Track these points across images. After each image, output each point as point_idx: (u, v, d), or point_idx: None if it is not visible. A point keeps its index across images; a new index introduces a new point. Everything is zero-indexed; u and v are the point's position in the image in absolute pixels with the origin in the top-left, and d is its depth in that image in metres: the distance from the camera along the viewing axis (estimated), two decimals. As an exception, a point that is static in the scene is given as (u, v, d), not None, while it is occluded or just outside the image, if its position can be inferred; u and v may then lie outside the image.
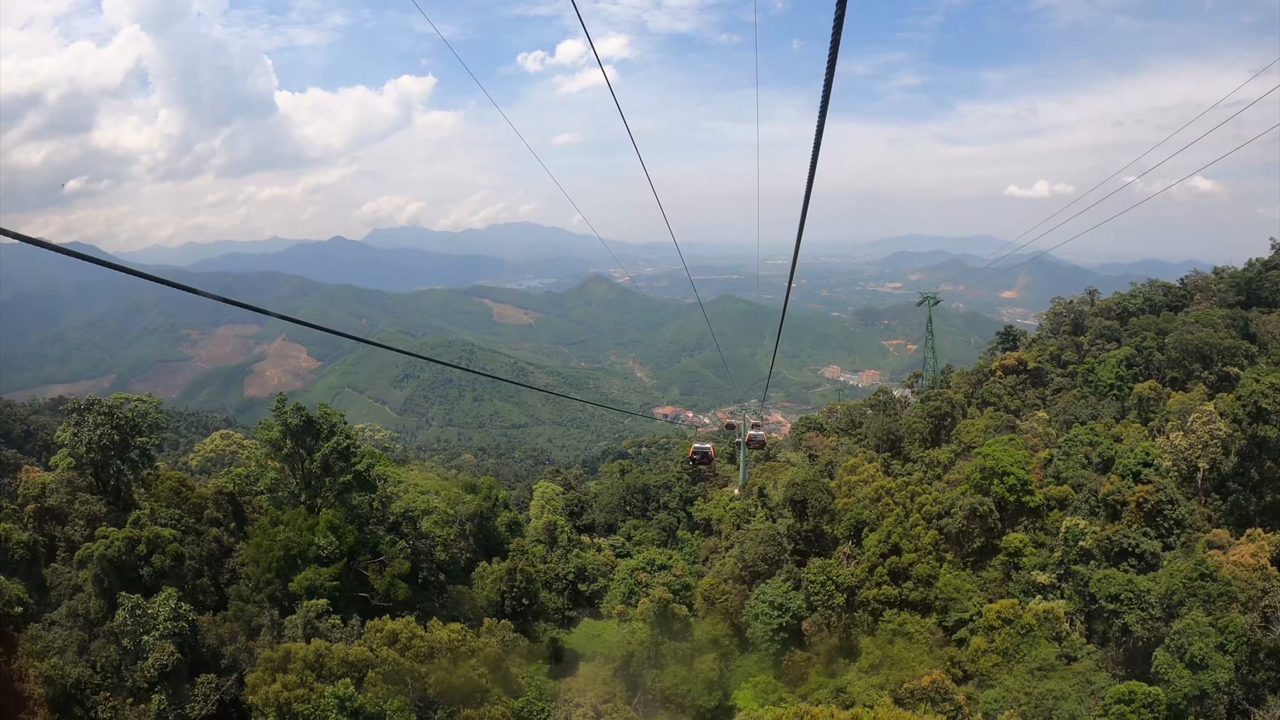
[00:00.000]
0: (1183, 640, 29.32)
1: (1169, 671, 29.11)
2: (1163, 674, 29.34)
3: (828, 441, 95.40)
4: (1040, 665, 32.87)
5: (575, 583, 54.67)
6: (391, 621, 27.94)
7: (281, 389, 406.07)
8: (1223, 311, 79.62)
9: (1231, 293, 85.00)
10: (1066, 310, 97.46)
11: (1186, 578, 34.50)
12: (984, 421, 76.32)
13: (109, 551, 30.92)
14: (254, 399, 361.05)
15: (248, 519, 41.18)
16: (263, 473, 42.41)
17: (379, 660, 24.27)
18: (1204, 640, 28.84)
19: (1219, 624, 30.12)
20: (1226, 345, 71.40)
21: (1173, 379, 72.85)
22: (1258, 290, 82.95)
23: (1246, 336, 75.25)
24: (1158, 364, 75.56)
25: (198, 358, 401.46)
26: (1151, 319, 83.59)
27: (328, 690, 21.56)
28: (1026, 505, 55.69)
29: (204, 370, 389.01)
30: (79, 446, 38.23)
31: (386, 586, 36.19)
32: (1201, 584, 33.61)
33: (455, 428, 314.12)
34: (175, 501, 38.02)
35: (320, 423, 40.43)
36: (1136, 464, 51.94)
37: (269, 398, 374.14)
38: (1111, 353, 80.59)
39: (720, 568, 66.13)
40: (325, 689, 22.10)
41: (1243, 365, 68.46)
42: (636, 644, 37.08)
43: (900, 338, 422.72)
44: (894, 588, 52.60)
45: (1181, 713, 26.71)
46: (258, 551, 34.67)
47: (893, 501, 55.95)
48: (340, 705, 21.00)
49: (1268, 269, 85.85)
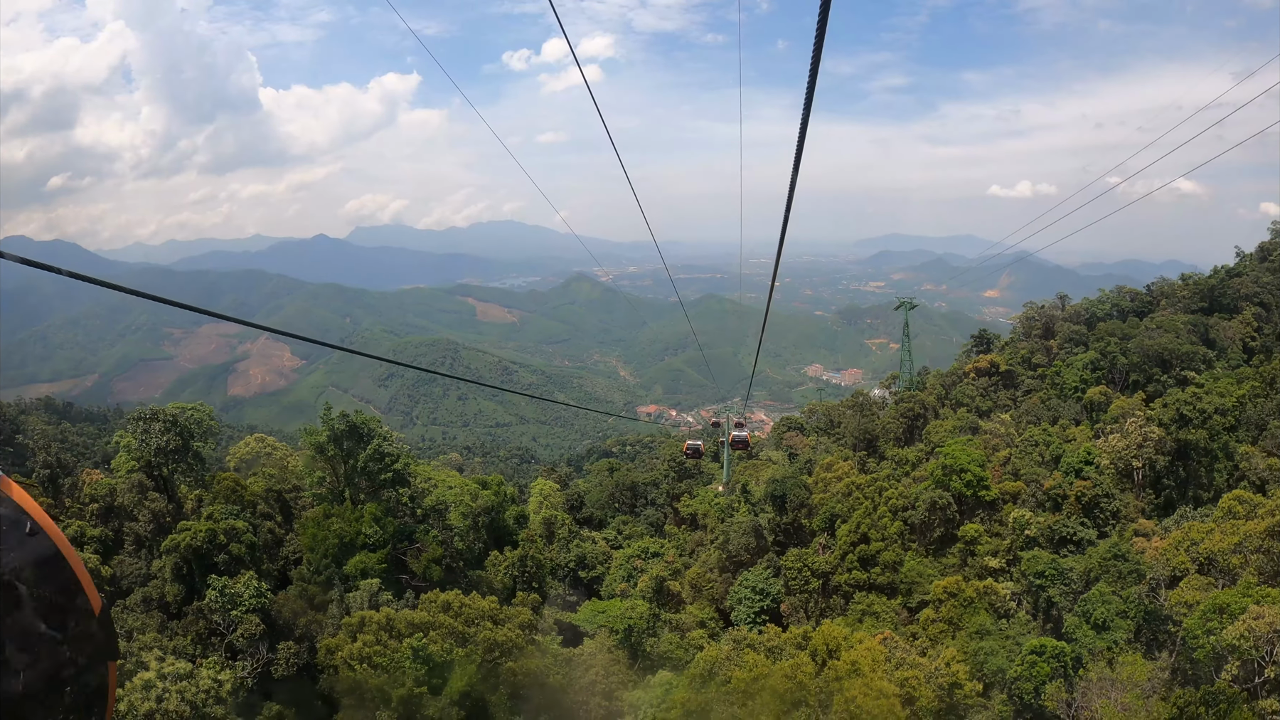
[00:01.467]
0: (1088, 606, 35.91)
1: (1076, 631, 35.79)
2: (1071, 633, 36.00)
3: (807, 441, 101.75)
4: (978, 630, 39.33)
5: (576, 570, 60.82)
6: (443, 594, 34.12)
7: (265, 389, 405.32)
8: (1186, 317, 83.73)
9: (1195, 299, 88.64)
10: (1038, 315, 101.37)
11: (1103, 558, 41.33)
12: (951, 423, 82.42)
13: (194, 541, 36.77)
14: (237, 398, 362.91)
15: (294, 514, 47.23)
16: (310, 472, 48.42)
17: (437, 623, 30.23)
18: (1106, 606, 35.38)
19: (1122, 594, 36.74)
20: (1184, 351, 76.01)
21: (1134, 382, 77.46)
22: (1220, 297, 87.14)
23: (1206, 342, 79.66)
24: (1121, 368, 79.51)
25: (180, 357, 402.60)
26: (1117, 324, 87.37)
27: (404, 643, 27.51)
28: (983, 499, 62.25)
29: (187, 369, 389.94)
30: (146, 451, 43.98)
31: (423, 569, 42.32)
32: (1115, 563, 40.41)
33: (440, 427, 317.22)
34: (232, 498, 43.89)
35: (362, 428, 46.43)
36: (1079, 462, 58.80)
37: (253, 397, 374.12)
38: (1078, 356, 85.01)
39: (706, 558, 72.29)
40: (399, 645, 28.08)
41: (1199, 370, 73.31)
42: (636, 617, 43.30)
43: (883, 337, 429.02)
44: (863, 573, 59.09)
45: (1080, 660, 33.17)
46: (314, 540, 40.58)
47: (862, 495, 62.37)
48: (415, 654, 26.97)
49: (1231, 276, 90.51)
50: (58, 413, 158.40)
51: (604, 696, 34.93)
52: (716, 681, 27.60)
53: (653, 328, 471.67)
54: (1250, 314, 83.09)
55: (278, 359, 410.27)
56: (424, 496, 49.40)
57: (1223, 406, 55.58)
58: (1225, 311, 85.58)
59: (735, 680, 26.35)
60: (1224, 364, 75.23)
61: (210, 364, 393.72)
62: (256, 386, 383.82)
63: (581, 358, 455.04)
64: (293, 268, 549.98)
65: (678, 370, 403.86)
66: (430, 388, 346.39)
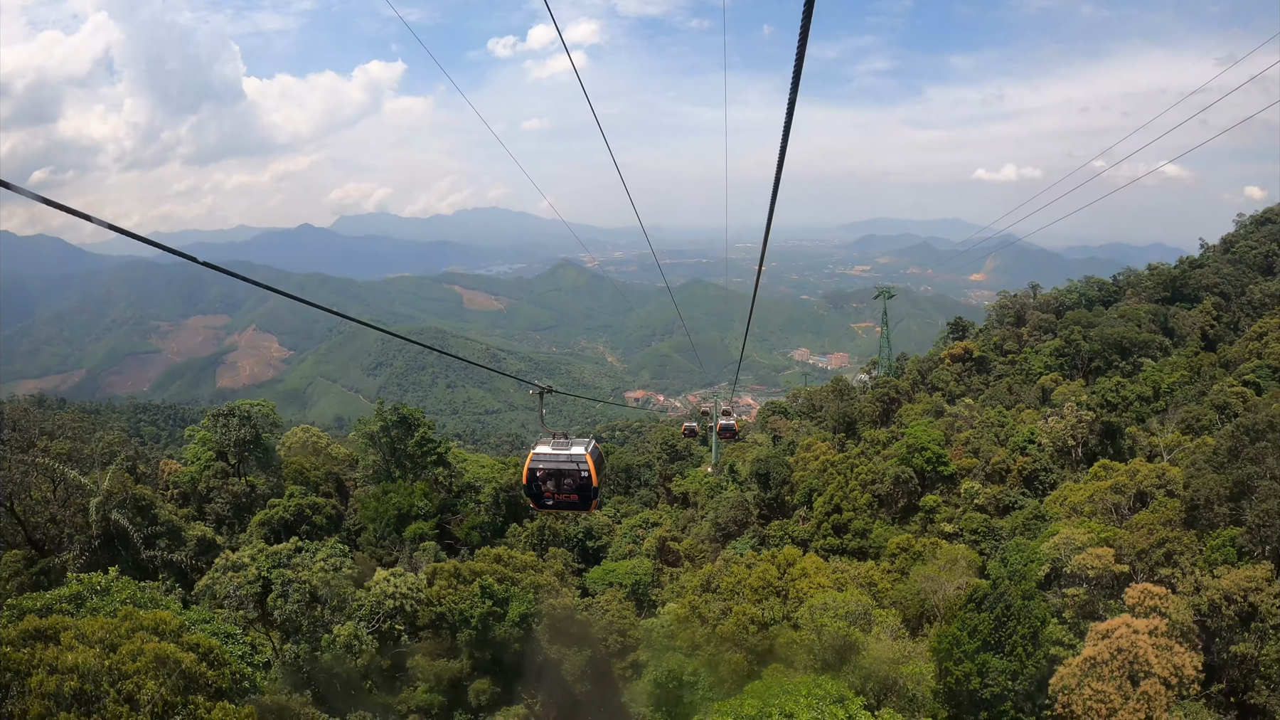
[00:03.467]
0: (1005, 554, 45.31)
1: (995, 575, 45.11)
2: (992, 576, 45.30)
3: (790, 424, 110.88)
4: (922, 577, 48.73)
5: (584, 540, 69.92)
6: (493, 549, 43.25)
7: (254, 380, 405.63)
8: (1149, 307, 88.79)
9: (1159, 289, 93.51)
10: (1011, 303, 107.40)
11: (1027, 518, 50.99)
12: (921, 407, 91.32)
13: (284, 514, 45.63)
14: (227, 390, 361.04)
15: (348, 492, 56.24)
16: (364, 455, 57.32)
17: (492, 570, 39.16)
18: (1020, 554, 44.83)
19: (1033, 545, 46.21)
20: (1141, 339, 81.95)
21: (1096, 368, 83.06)
22: (1181, 288, 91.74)
23: (1166, 331, 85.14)
24: (1085, 354, 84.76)
25: (168, 350, 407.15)
26: (1084, 313, 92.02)
27: (474, 584, 36.43)
28: (942, 473, 71.61)
29: (175, 362, 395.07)
30: (226, 442, 52.73)
31: (465, 534, 51.37)
32: (1035, 522, 50.04)
33: (430, 415, 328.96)
34: (299, 480, 52.71)
35: (410, 419, 55.35)
36: (1023, 441, 68.29)
37: (242, 389, 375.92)
38: (1046, 344, 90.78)
39: (698, 531, 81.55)
40: (466, 588, 36.99)
41: (1155, 356, 79.46)
42: (642, 573, 52.54)
43: (869, 320, 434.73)
44: (836, 539, 68.27)
45: (1002, 595, 42.42)
46: (375, 512, 49.48)
47: (836, 472, 71.49)
48: (482, 590, 35.92)
49: (1193, 267, 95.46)
50: (52, 409, 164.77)
51: (619, 634, 44.09)
52: (712, 588, 37.38)
53: (639, 313, 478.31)
54: (1210, 304, 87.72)
55: (266, 350, 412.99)
56: (460, 476, 58.48)
57: (1142, 394, 65.25)
58: (1186, 301, 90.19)
59: (724, 585, 36.17)
60: (1180, 351, 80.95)
61: (198, 356, 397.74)
62: (245, 378, 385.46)
63: (569, 344, 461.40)
64: (277, 258, 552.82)
65: (665, 355, 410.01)
66: (419, 376, 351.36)
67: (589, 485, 18.31)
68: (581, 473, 18.12)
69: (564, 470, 18.20)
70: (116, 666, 14.43)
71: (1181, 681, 23.74)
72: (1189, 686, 24.12)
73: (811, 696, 18.92)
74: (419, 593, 35.30)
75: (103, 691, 13.91)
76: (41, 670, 13.54)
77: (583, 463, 18.04)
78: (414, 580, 35.62)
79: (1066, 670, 25.15)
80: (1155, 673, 23.17)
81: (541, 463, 18.25)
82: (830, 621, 28.37)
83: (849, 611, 29.46)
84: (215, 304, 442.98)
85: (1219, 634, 26.21)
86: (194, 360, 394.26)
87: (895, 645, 29.02)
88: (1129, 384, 67.17)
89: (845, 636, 27.94)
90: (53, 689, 13.23)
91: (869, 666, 26.91)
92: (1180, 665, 23.63)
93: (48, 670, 13.53)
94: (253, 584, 32.40)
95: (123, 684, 14.20)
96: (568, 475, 18.22)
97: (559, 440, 18.59)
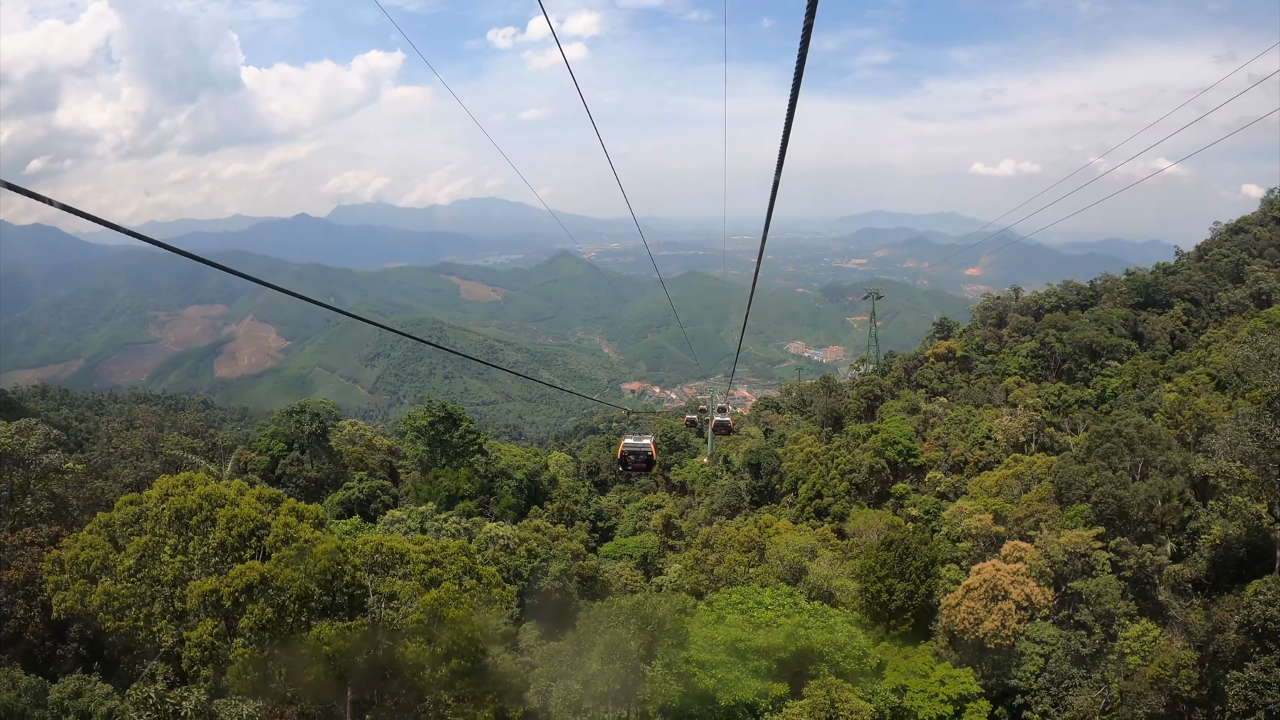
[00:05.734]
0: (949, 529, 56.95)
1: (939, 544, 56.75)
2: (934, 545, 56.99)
3: (782, 418, 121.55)
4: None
5: (595, 521, 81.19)
6: (531, 521, 54.64)
7: (252, 369, 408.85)
8: (1122, 311, 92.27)
9: (1132, 294, 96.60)
10: (994, 304, 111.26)
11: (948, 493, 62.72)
12: (900, 404, 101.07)
13: (359, 494, 56.76)
14: (225, 380, 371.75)
15: (399, 478, 67.58)
16: (414, 445, 68.56)
17: (531, 538, 50.38)
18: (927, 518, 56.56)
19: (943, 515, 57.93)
20: (1110, 343, 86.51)
21: (1068, 370, 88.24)
22: (1154, 294, 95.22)
23: (1136, 335, 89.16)
24: (1059, 356, 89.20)
25: (165, 340, 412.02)
26: (1060, 316, 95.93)
27: (521, 548, 47.61)
28: (912, 464, 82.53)
29: (173, 352, 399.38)
30: (300, 435, 63.82)
31: (501, 511, 62.50)
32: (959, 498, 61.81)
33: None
34: (360, 466, 63.88)
35: (454, 415, 66.52)
36: (981, 436, 79.58)
37: (241, 379, 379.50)
38: (1023, 345, 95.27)
39: (695, 515, 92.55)
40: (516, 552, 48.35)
41: (1122, 360, 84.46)
42: (650, 546, 63.89)
43: (865, 314, 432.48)
44: (818, 521, 79.32)
45: (904, 540, 53.63)
46: (428, 494, 60.43)
47: (818, 462, 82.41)
48: (530, 554, 47.14)
49: (1167, 274, 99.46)
50: (55, 399, 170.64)
51: (632, 591, 55.42)
52: (709, 544, 49.38)
53: (636, 305, 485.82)
54: (1180, 310, 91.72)
55: (263, 339, 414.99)
56: (496, 463, 69.67)
57: (1083, 398, 76.58)
58: (1158, 307, 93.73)
59: (718, 541, 47.93)
60: (1147, 355, 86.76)
61: (196, 346, 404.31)
62: (244, 368, 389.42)
63: (565, 335, 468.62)
64: (274, 247, 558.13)
65: (661, 348, 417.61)
66: (416, 367, 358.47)
67: (651, 459, 33.48)
68: (647, 452, 33.17)
69: (639, 451, 33.10)
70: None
71: (1033, 605, 35.16)
72: (1040, 610, 35.58)
73: (773, 593, 30.57)
74: (512, 539, 46.55)
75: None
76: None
77: (648, 447, 33.21)
78: (510, 530, 46.97)
79: (953, 595, 36.68)
80: (1012, 598, 34.58)
81: (628, 448, 33.30)
82: (788, 553, 40.22)
83: (801, 547, 41.38)
84: (213, 293, 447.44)
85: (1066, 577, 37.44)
86: (192, 350, 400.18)
87: (831, 569, 40.69)
88: (1070, 389, 78.39)
89: (797, 562, 39.71)
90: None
91: (813, 581, 38.56)
92: (1031, 594, 34.99)
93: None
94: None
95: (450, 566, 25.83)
96: (642, 454, 33.10)
97: (636, 434, 32.88)
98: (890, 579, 39.40)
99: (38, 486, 41.41)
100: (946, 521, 48.89)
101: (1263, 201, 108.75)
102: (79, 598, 23.27)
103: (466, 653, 23.28)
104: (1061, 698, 34.13)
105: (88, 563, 23.49)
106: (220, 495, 25.09)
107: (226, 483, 28.14)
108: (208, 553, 23.97)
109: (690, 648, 28.40)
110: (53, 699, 20.36)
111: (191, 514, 24.25)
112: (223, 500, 24.76)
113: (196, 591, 22.73)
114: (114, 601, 22.45)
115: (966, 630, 35.27)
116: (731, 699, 26.90)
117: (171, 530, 24.63)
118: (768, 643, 28.62)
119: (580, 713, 24.19)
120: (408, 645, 22.51)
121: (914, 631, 38.74)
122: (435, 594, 24.08)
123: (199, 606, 22.18)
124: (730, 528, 51.09)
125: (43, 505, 40.76)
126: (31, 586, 24.85)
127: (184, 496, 24.39)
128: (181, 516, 24.17)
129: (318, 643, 21.68)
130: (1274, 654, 26.05)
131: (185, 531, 24.58)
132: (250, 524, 24.27)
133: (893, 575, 39.43)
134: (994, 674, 35.61)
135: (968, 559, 43.18)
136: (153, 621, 23.62)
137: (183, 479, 26.05)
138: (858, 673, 29.05)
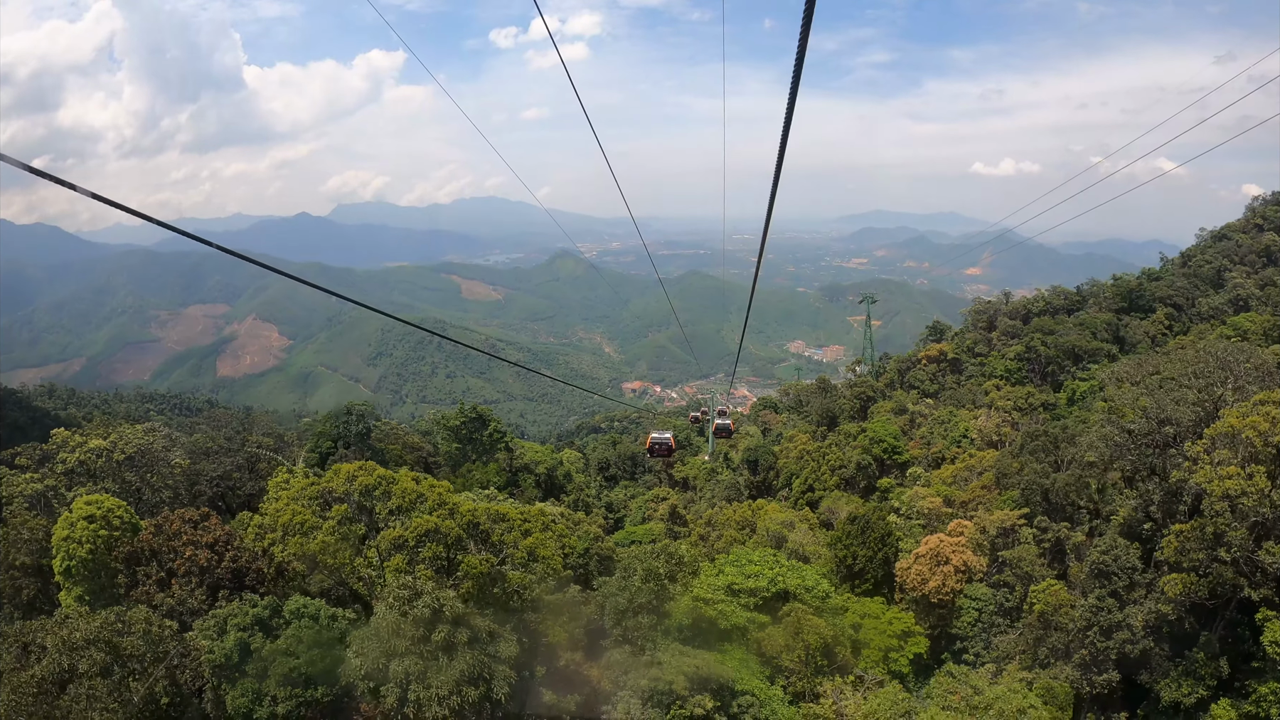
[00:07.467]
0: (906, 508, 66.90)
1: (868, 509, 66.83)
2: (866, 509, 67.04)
3: (779, 418, 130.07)
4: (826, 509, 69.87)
5: (607, 511, 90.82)
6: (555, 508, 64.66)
7: (254, 368, 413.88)
8: (1106, 316, 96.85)
9: (1117, 300, 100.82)
10: (985, 309, 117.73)
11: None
12: (889, 405, 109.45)
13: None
14: (227, 379, 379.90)
15: (434, 471, 77.44)
16: (447, 444, 78.27)
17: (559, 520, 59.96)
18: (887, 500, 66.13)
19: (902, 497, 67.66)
20: (1091, 347, 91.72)
21: (1051, 372, 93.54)
22: (1138, 299, 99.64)
23: (1118, 340, 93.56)
24: (1043, 359, 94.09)
25: (167, 339, 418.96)
26: (1047, 320, 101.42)
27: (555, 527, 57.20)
28: (897, 461, 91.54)
29: (175, 352, 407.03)
30: (348, 434, 73.40)
31: (527, 501, 72.13)
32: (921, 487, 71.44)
33: (429, 404, 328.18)
34: (400, 462, 73.40)
35: (484, 416, 76.19)
36: (959, 435, 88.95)
37: (243, 378, 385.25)
38: (1011, 348, 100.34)
39: (697, 509, 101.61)
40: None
41: (1102, 362, 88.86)
42: (658, 534, 73.42)
43: (864, 314, 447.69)
44: (811, 513, 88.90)
45: (866, 516, 63.42)
46: (462, 485, 70.03)
47: (811, 459, 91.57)
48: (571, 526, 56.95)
49: (1151, 280, 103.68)
50: (62, 398, 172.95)
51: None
52: (711, 523, 59.80)
53: (637, 304, 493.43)
54: (1163, 314, 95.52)
55: (265, 339, 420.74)
56: (520, 458, 79.32)
57: (1048, 401, 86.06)
58: (1142, 312, 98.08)
59: (716, 521, 58.09)
60: (1126, 358, 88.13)
61: (198, 345, 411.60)
62: (246, 367, 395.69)
63: (566, 334, 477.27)
64: (275, 246, 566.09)
65: (661, 347, 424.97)
66: (419, 366, 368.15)
67: (671, 448, 51.86)
68: (669, 443, 49.66)
69: (663, 442, 49.48)
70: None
71: (970, 570, 44.95)
72: (975, 574, 45.39)
73: (760, 553, 40.55)
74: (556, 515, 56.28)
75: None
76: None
77: (669, 439, 50.08)
78: (556, 509, 56.72)
79: (905, 561, 46.58)
80: (952, 563, 44.34)
81: (655, 439, 48.85)
82: (773, 525, 50.26)
83: (783, 520, 51.50)
84: (215, 293, 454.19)
85: (997, 547, 47.08)
86: (194, 349, 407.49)
87: (807, 537, 50.74)
88: (1037, 393, 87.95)
89: (779, 533, 49.73)
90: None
91: (792, 547, 48.61)
92: (968, 561, 44.73)
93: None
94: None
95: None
96: (665, 444, 49.70)
97: (660, 429, 48.10)
98: (855, 546, 49.42)
99: (154, 479, 51.32)
100: (905, 504, 58.37)
101: (1246, 208, 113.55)
102: (300, 545, 33.35)
103: (554, 578, 34.80)
104: (990, 641, 43.80)
105: (301, 523, 33.48)
106: (389, 476, 35.45)
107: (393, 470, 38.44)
108: (391, 512, 34.40)
109: (697, 588, 38.29)
110: (288, 610, 30.66)
111: (374, 489, 34.56)
112: (393, 480, 35.03)
113: (388, 537, 32.90)
114: (329, 547, 32.41)
115: (915, 588, 44.95)
116: (728, 624, 36.85)
117: (362, 499, 35.37)
118: (755, 585, 38.53)
119: (625, 616, 33.83)
120: (512, 575, 32.61)
121: (874, 590, 48.39)
122: (531, 539, 34.23)
123: (390, 548, 32.20)
124: (728, 510, 61.24)
125: (163, 494, 50.71)
126: (220, 547, 34.55)
127: (369, 476, 34.72)
128: (368, 490, 34.44)
129: (467, 568, 32.15)
130: (1106, 587, 36.21)
131: (370, 499, 35.15)
132: (413, 494, 34.41)
133: (856, 543, 49.37)
134: (939, 625, 45.45)
135: (924, 533, 52.75)
136: (353, 559, 34.13)
137: (356, 466, 36.85)
138: (822, 609, 38.68)
